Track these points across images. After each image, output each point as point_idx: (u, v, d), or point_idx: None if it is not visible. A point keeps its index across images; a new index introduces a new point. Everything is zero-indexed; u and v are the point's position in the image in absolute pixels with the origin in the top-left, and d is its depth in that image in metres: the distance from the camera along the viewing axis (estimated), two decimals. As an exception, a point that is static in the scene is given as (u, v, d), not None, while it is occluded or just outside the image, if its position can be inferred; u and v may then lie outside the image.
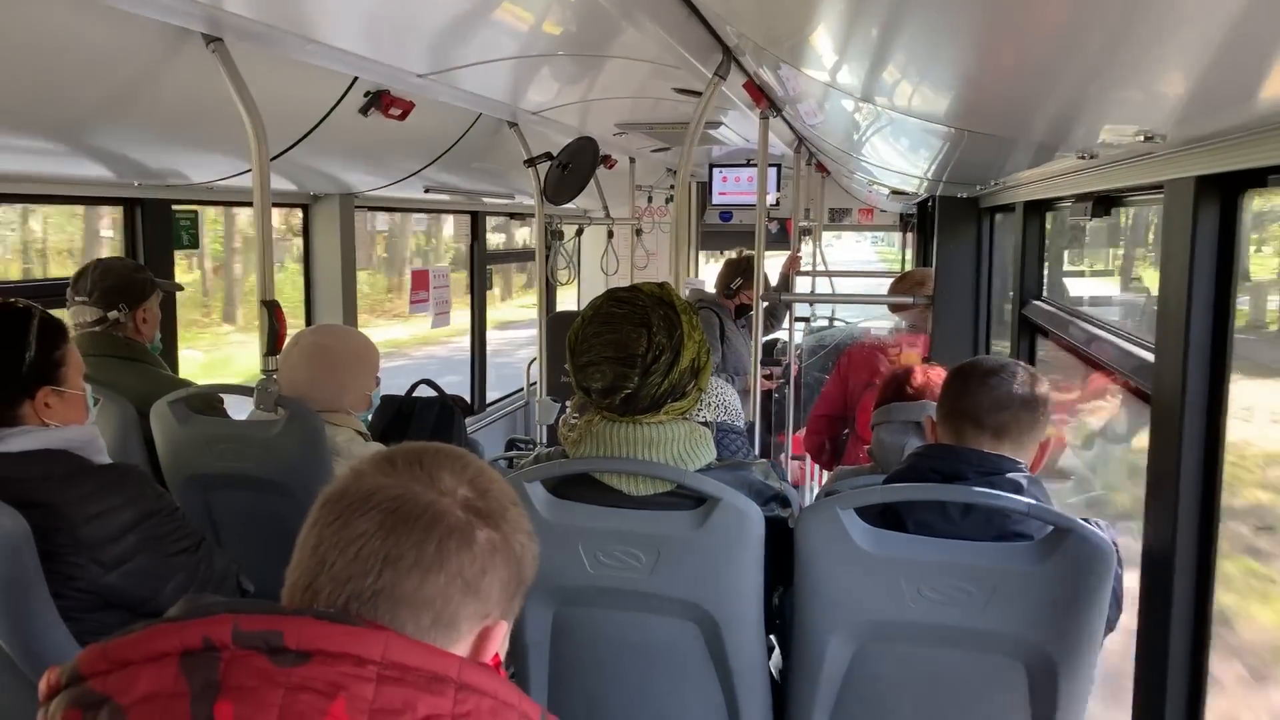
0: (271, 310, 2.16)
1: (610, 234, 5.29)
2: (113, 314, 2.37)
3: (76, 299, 2.38)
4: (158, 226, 2.96)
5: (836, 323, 6.58)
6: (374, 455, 0.85)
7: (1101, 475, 2.65)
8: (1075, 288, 3.01)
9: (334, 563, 0.77)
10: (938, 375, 2.30)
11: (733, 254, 4.72)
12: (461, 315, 5.06)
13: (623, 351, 1.50)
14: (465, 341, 5.27)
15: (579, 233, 5.35)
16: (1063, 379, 2.55)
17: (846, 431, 3.64)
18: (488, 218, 5.19)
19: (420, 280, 4.62)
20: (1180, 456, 1.42)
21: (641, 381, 1.50)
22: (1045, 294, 2.71)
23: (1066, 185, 2.16)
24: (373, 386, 2.31)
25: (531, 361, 5.07)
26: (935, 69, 1.21)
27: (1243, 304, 1.42)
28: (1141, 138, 1.27)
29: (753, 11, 1.43)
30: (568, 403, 1.68)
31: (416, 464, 0.82)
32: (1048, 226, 2.69)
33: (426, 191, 3.91)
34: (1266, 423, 1.59)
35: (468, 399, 5.17)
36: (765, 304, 3.06)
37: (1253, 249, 1.54)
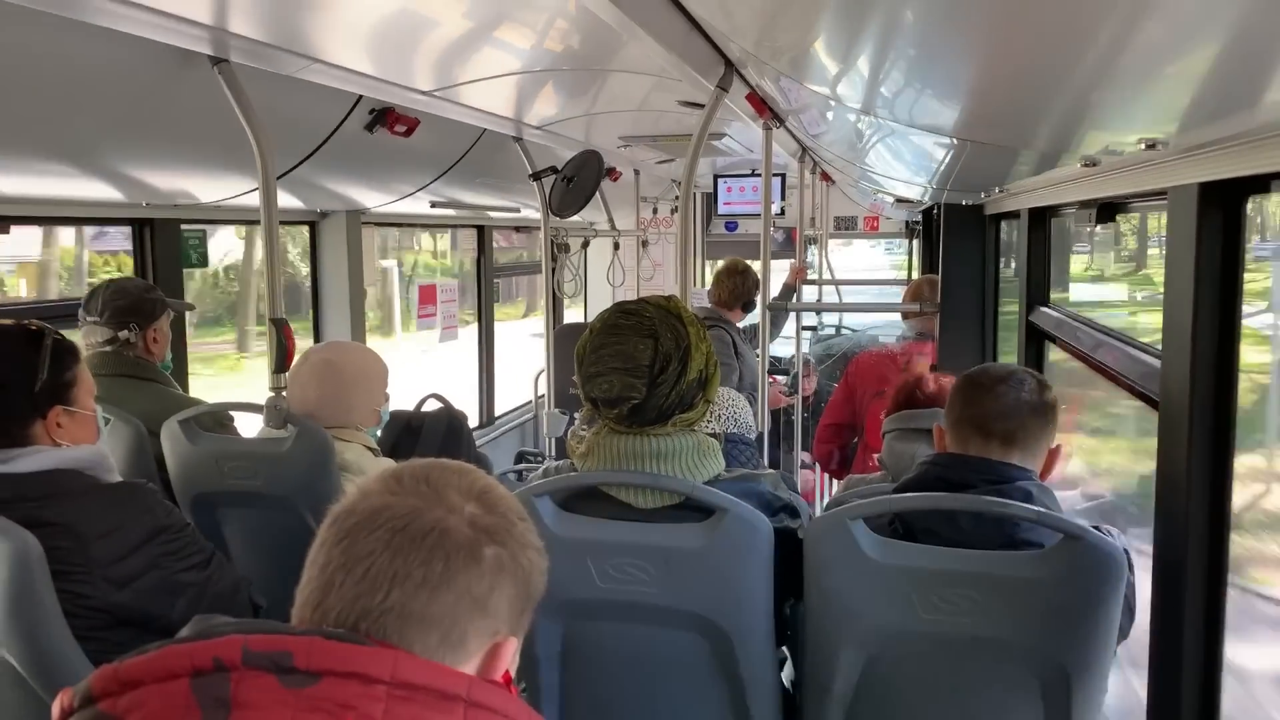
0: (280, 328, 2.17)
1: (616, 246, 5.29)
2: (124, 334, 2.38)
3: (88, 319, 2.39)
4: (167, 246, 2.98)
5: (844, 331, 6.57)
6: (381, 473, 0.85)
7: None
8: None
9: (342, 582, 0.77)
10: (950, 383, 2.30)
11: (723, 263, 4.43)
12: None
13: (630, 362, 1.50)
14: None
15: (585, 245, 5.36)
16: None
17: (856, 440, 3.63)
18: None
19: (428, 295, 4.65)
20: (1190, 463, 1.42)
21: (649, 393, 1.50)
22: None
23: (1070, 192, 2.16)
24: (382, 402, 2.32)
25: (539, 373, 5.08)
26: (936, 81, 1.22)
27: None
28: (1144, 145, 1.27)
29: (754, 26, 1.43)
30: (576, 415, 1.68)
31: (424, 481, 0.83)
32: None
33: (433, 206, 3.93)
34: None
35: (476, 412, 5.19)
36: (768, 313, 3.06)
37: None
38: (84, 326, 2.41)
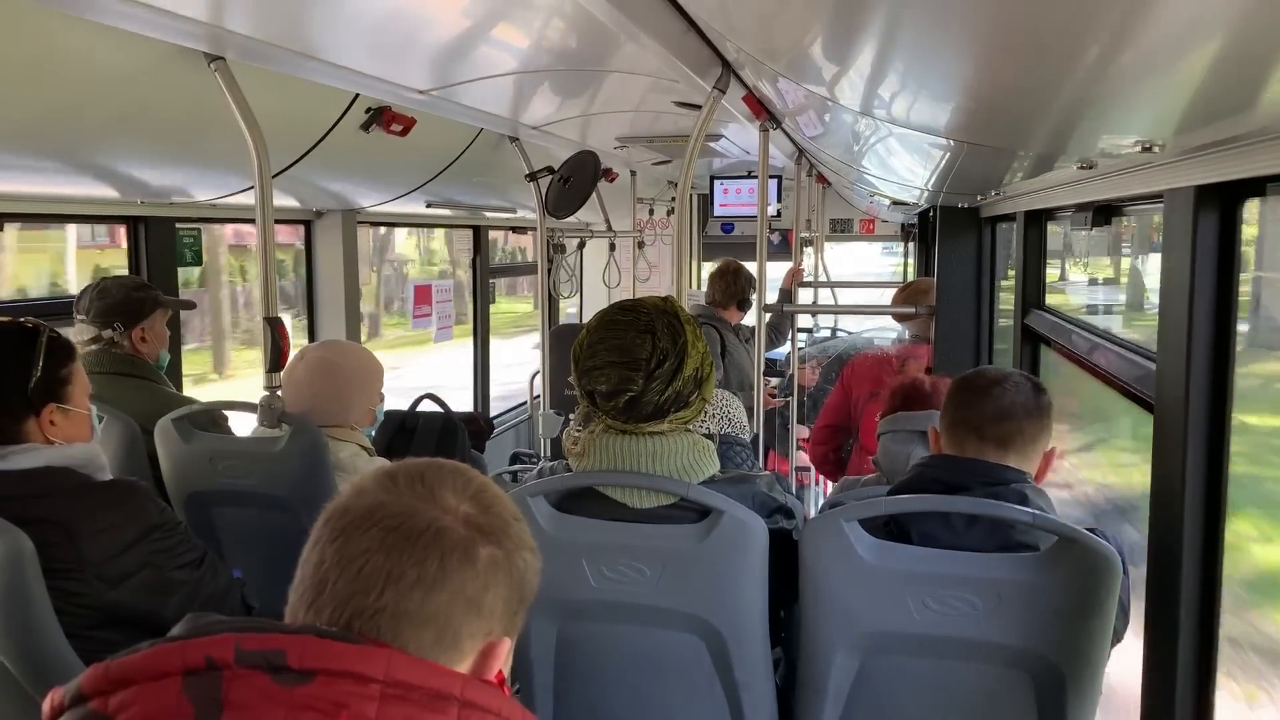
0: (274, 327, 2.17)
1: (612, 247, 5.29)
2: (107, 333, 2.38)
3: (78, 317, 2.39)
4: (161, 244, 2.97)
5: (839, 333, 6.58)
6: (376, 472, 0.84)
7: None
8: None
9: (336, 581, 0.77)
10: (945, 385, 2.30)
11: (718, 264, 4.49)
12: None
13: (627, 356, 1.51)
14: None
15: (581, 246, 5.36)
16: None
17: (851, 442, 3.63)
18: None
19: (423, 295, 4.64)
20: (1185, 465, 1.42)
21: (645, 386, 1.50)
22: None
23: (1066, 195, 2.16)
24: (377, 402, 2.31)
25: (535, 374, 5.07)
26: (934, 82, 1.22)
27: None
28: (1140, 148, 1.27)
29: (752, 26, 1.43)
30: (571, 415, 1.68)
31: (418, 480, 0.82)
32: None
33: (429, 206, 3.92)
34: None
35: (472, 413, 5.17)
36: (768, 317, 3.06)
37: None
38: (76, 324, 2.40)
